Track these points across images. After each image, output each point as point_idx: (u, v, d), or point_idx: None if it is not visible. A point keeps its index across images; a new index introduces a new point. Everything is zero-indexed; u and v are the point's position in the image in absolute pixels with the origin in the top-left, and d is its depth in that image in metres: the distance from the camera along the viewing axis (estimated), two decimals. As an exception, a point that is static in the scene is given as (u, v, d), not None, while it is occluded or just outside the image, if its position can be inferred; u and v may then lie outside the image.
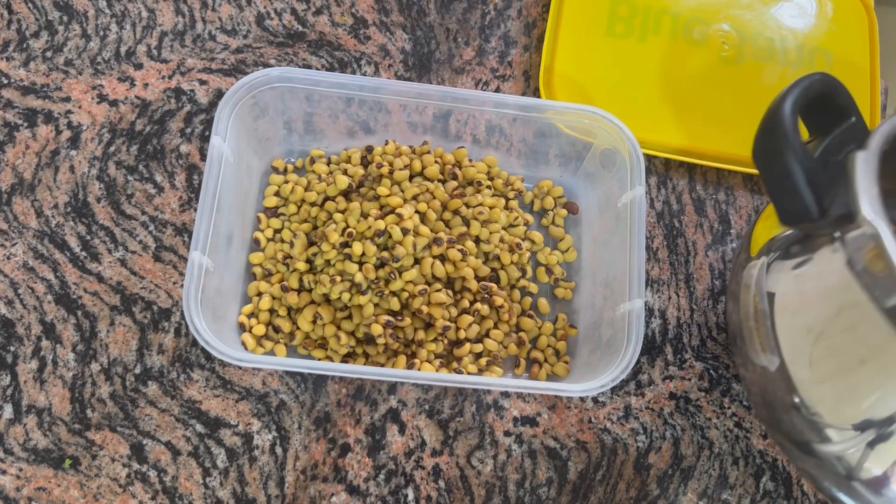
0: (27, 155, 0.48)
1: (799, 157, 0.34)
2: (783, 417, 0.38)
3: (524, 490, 0.44)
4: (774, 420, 0.40)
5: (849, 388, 0.35)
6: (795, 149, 0.34)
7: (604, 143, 0.46)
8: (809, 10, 0.58)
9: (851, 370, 0.35)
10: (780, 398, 0.38)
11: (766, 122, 0.35)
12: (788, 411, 0.37)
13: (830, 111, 0.37)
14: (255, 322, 0.44)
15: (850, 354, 0.35)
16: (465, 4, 0.56)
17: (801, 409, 0.37)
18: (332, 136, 0.49)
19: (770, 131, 0.35)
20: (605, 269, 0.46)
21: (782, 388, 0.38)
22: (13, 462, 0.42)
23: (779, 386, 0.38)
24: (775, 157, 0.34)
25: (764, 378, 0.39)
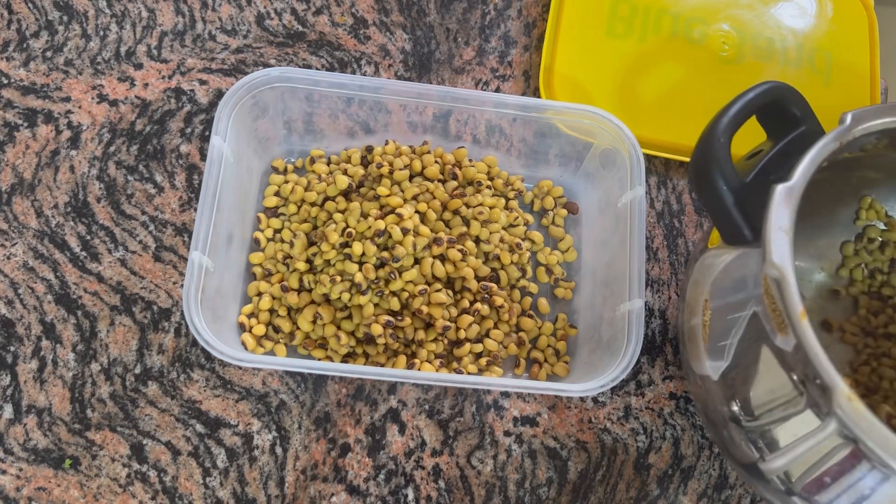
0: (27, 155, 0.48)
1: (730, 183, 0.34)
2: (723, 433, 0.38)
3: (524, 490, 0.44)
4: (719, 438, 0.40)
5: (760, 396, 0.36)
6: (726, 174, 0.34)
7: (604, 143, 0.46)
8: (809, 10, 0.58)
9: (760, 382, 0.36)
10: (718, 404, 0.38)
11: (698, 147, 0.35)
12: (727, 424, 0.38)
13: (783, 118, 0.37)
14: (255, 322, 0.44)
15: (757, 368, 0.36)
16: (465, 4, 0.57)
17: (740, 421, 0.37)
18: (332, 136, 0.49)
19: (702, 156, 0.35)
20: (605, 269, 0.46)
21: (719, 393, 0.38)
22: (13, 462, 0.42)
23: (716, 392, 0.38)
24: (707, 180, 0.34)
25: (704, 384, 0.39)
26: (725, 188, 0.34)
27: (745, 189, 0.34)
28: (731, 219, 0.34)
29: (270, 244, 0.46)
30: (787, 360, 0.33)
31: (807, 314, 0.30)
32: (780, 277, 0.31)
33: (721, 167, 0.34)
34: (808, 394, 0.32)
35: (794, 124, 0.37)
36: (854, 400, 0.29)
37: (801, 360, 0.31)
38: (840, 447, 0.30)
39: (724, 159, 0.34)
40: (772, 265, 0.31)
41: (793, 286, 0.30)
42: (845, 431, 0.29)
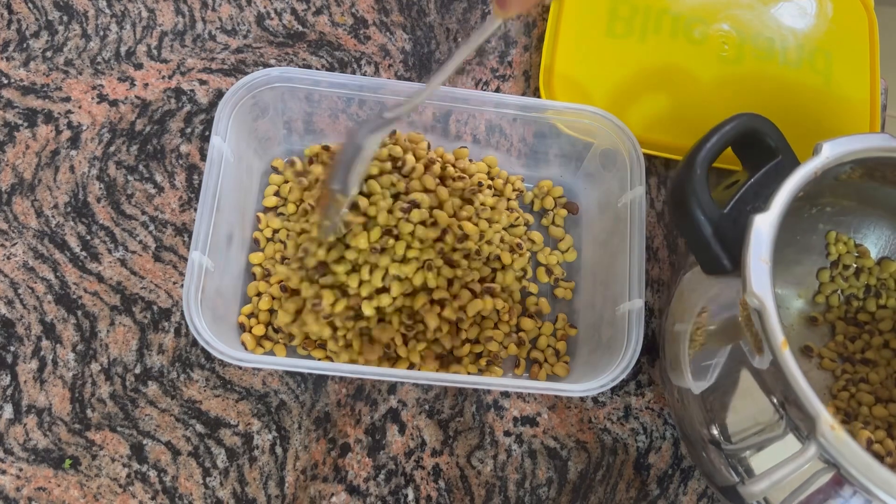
0: (27, 155, 0.48)
1: (708, 215, 0.35)
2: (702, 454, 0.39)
3: (524, 490, 0.44)
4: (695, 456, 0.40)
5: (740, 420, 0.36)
6: (704, 206, 0.35)
7: (604, 143, 0.46)
8: (809, 10, 0.58)
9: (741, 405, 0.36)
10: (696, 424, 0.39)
11: (676, 179, 0.36)
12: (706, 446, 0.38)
13: (758, 150, 0.38)
14: (254, 322, 0.44)
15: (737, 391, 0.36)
16: (465, 4, 0.57)
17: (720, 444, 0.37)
18: (332, 136, 0.49)
19: (681, 186, 0.36)
20: (605, 269, 0.46)
21: (699, 412, 0.38)
22: (13, 462, 0.42)
23: (696, 411, 0.38)
24: (686, 211, 0.35)
25: (682, 400, 0.40)
26: (703, 219, 0.35)
27: (723, 219, 0.35)
28: (710, 249, 0.35)
29: (270, 244, 0.46)
30: (767, 382, 0.33)
31: (787, 342, 0.31)
32: (761, 307, 0.31)
33: (698, 198, 0.35)
34: (787, 417, 0.32)
35: (770, 155, 0.38)
36: (837, 429, 0.29)
37: (781, 385, 0.31)
38: (822, 472, 0.31)
39: (701, 191, 0.35)
40: (752, 295, 0.31)
41: (773, 316, 0.31)
42: (828, 458, 0.30)
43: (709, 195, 0.35)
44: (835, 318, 0.48)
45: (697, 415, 0.38)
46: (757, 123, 0.37)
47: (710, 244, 0.35)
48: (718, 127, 0.37)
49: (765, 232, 0.33)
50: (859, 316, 0.47)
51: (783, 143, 0.38)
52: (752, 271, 0.32)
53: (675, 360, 0.40)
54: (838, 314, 0.48)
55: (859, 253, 0.48)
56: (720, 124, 0.37)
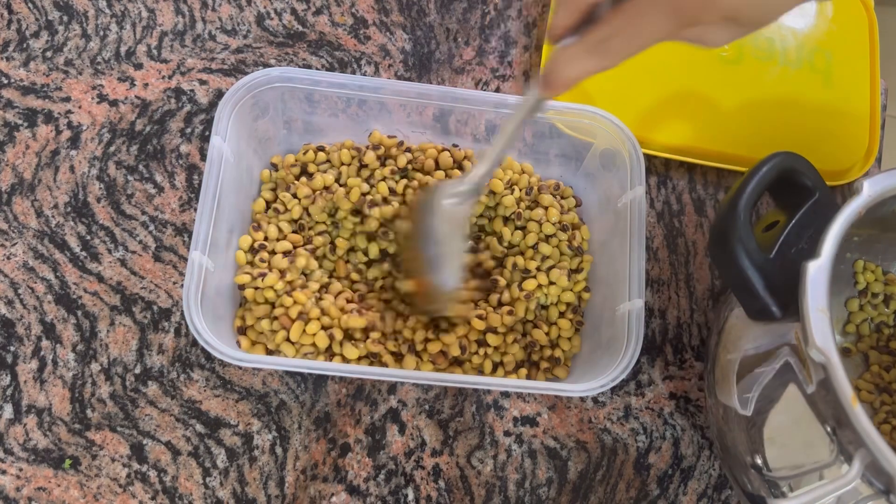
0: (27, 155, 0.48)
1: (754, 261, 0.34)
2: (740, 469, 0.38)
3: (524, 490, 0.44)
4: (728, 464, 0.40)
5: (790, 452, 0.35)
6: (750, 252, 0.34)
7: (604, 143, 0.46)
8: (809, 10, 0.58)
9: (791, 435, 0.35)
10: (740, 448, 0.38)
11: (718, 224, 0.35)
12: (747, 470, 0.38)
13: (794, 190, 0.37)
14: (249, 329, 0.44)
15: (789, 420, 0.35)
16: (465, 4, 0.56)
17: (761, 470, 0.37)
18: (333, 136, 0.49)
19: (723, 235, 0.35)
20: (605, 269, 0.46)
21: (744, 440, 0.38)
22: (13, 462, 0.42)
23: (740, 436, 0.38)
24: (730, 260, 0.34)
25: (726, 418, 0.39)
26: (752, 267, 0.34)
27: (769, 265, 0.34)
28: (759, 298, 0.34)
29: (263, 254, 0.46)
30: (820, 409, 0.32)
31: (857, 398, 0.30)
32: (826, 362, 0.30)
33: (745, 246, 0.34)
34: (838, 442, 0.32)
35: (808, 194, 0.37)
36: None
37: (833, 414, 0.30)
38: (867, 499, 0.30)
39: (746, 237, 0.34)
40: (815, 348, 0.30)
41: (839, 369, 0.30)
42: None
43: (754, 241, 0.34)
44: (867, 347, 0.48)
45: (741, 438, 0.38)
46: (793, 162, 0.37)
47: (759, 293, 0.34)
48: (755, 169, 0.36)
49: (819, 280, 0.32)
50: (891, 344, 0.47)
51: (819, 180, 0.37)
52: (814, 324, 0.31)
53: (724, 382, 0.40)
54: (870, 343, 0.48)
55: (888, 280, 0.48)
56: (757, 166, 0.36)
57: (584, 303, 0.47)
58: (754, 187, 0.35)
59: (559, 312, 0.46)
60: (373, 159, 0.47)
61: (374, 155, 0.47)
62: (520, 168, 0.49)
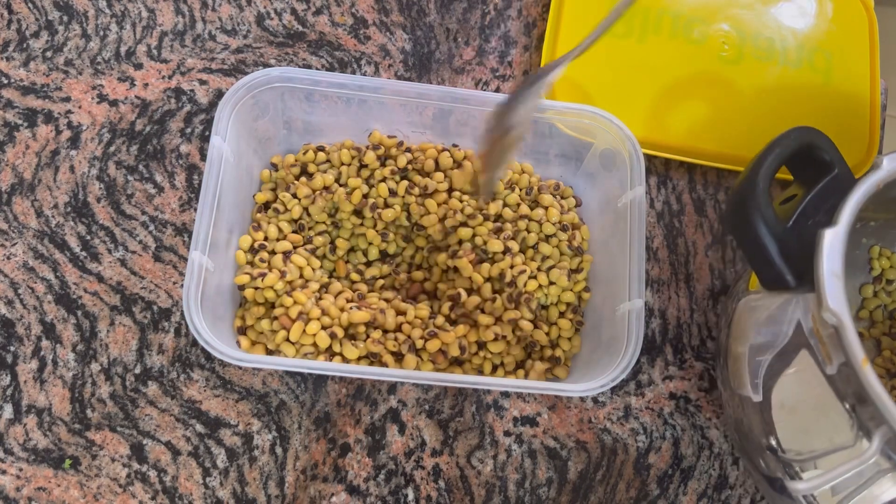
0: (27, 155, 0.48)
1: (772, 229, 0.34)
2: (756, 453, 0.39)
3: (524, 490, 0.44)
4: (746, 450, 0.40)
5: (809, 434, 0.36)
6: (768, 220, 0.34)
7: (604, 143, 0.46)
8: (809, 10, 0.58)
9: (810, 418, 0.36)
10: (755, 434, 0.38)
11: (737, 192, 0.35)
12: (763, 452, 0.38)
13: (813, 164, 0.37)
14: (249, 330, 0.44)
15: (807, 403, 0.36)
16: (465, 4, 0.56)
17: (776, 452, 0.37)
18: (332, 135, 0.49)
19: (742, 202, 0.35)
20: (605, 269, 0.46)
21: (759, 426, 0.38)
22: (13, 462, 0.42)
23: (756, 422, 0.38)
24: (748, 227, 0.34)
25: (742, 408, 0.39)
26: (769, 235, 0.34)
27: (787, 235, 0.34)
28: (774, 266, 0.34)
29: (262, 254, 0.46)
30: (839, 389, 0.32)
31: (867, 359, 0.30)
32: (839, 324, 0.30)
33: (763, 214, 0.34)
34: (857, 419, 0.32)
35: (826, 169, 0.37)
36: None
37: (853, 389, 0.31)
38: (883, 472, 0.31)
39: (765, 206, 0.34)
40: (829, 311, 0.31)
41: (851, 332, 0.30)
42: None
43: (773, 211, 0.34)
44: (879, 333, 0.48)
45: (757, 420, 0.38)
46: (813, 137, 0.37)
47: (775, 261, 0.34)
48: (775, 142, 0.36)
49: (836, 246, 0.32)
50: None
51: (838, 156, 0.37)
52: (827, 287, 0.31)
53: (737, 372, 0.40)
54: (882, 330, 0.48)
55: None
56: (777, 139, 0.36)
57: (584, 303, 0.47)
58: (774, 158, 0.35)
59: (559, 312, 0.46)
60: (373, 159, 0.47)
61: (374, 155, 0.47)
62: (520, 168, 0.49)
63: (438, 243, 0.47)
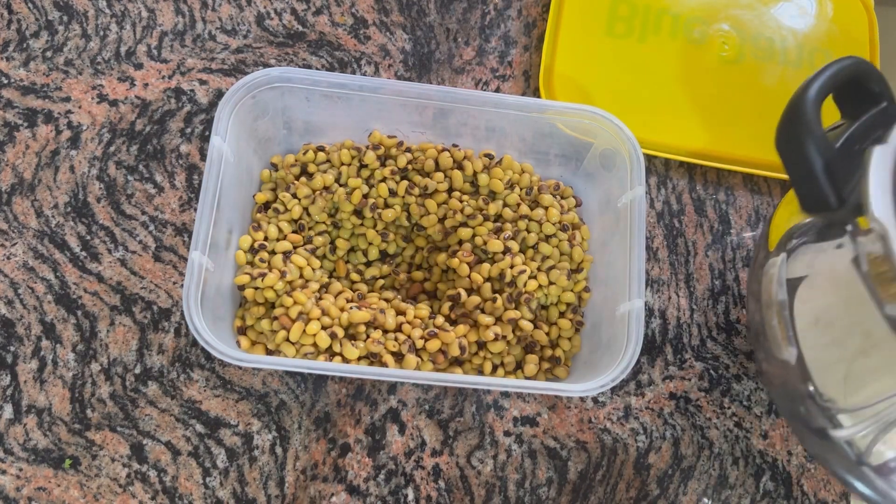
0: (27, 155, 0.48)
1: (819, 147, 0.33)
2: (800, 407, 0.38)
3: (524, 490, 0.44)
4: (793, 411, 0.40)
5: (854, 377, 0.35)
6: (816, 138, 0.33)
7: (604, 143, 0.46)
8: (809, 10, 0.58)
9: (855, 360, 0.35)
10: (797, 388, 0.38)
11: (788, 111, 0.35)
12: (804, 400, 0.37)
13: (861, 95, 0.37)
14: (249, 330, 0.44)
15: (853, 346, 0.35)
16: (465, 4, 0.57)
17: (815, 398, 0.37)
18: (332, 136, 0.49)
19: (792, 119, 0.34)
20: (605, 269, 0.46)
21: (798, 378, 0.37)
22: (13, 462, 0.42)
23: (796, 376, 0.38)
24: (796, 145, 0.34)
25: (785, 371, 0.39)
26: (816, 152, 0.33)
27: (834, 155, 0.34)
28: (818, 184, 0.34)
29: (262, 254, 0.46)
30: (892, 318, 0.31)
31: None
32: (884, 232, 0.30)
33: (811, 131, 0.33)
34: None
35: (874, 101, 0.37)
36: None
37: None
38: None
39: (814, 122, 0.33)
40: (873, 220, 0.30)
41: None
42: None
43: (822, 130, 0.34)
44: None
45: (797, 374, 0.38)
46: (863, 67, 0.36)
47: (820, 179, 0.34)
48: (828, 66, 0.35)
49: (885, 160, 0.32)
50: None
51: (888, 89, 0.37)
52: (873, 197, 0.31)
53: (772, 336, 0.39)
54: None
55: None
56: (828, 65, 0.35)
57: (584, 303, 0.47)
58: (825, 80, 0.35)
59: (559, 312, 0.46)
60: (373, 159, 0.47)
61: (374, 155, 0.47)
62: (520, 168, 0.50)
63: (438, 243, 0.47)
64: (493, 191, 0.47)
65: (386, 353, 0.43)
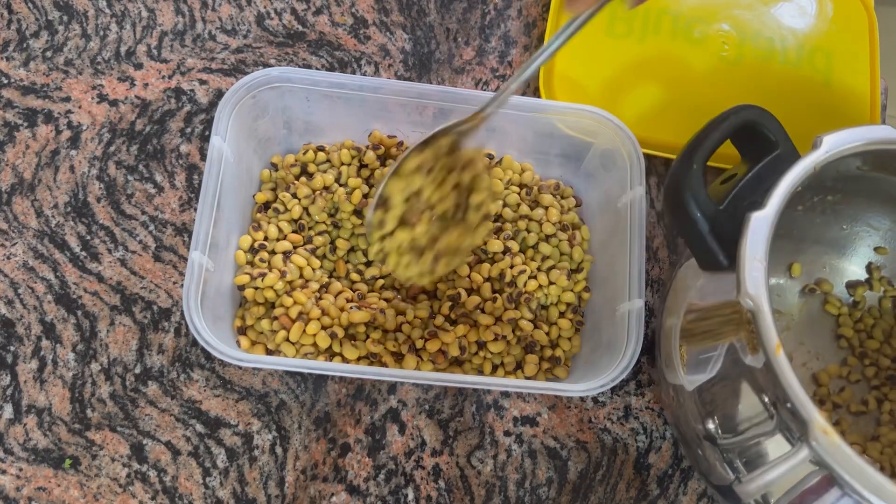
0: (27, 155, 0.48)
1: (705, 211, 0.34)
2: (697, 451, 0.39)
3: (524, 490, 0.44)
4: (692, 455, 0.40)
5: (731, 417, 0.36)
6: (701, 202, 0.34)
7: (604, 143, 0.46)
8: (809, 10, 0.58)
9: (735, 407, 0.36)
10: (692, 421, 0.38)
11: (671, 177, 0.36)
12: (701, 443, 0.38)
13: (757, 142, 0.37)
14: (249, 330, 0.44)
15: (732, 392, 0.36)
16: (465, 4, 0.57)
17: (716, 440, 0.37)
18: (332, 135, 0.49)
19: (676, 184, 0.35)
20: (605, 269, 0.46)
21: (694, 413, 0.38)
22: (13, 462, 0.42)
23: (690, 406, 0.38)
24: (682, 209, 0.35)
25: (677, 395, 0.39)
26: (700, 215, 0.34)
27: (720, 215, 0.35)
28: (706, 246, 0.35)
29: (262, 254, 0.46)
30: (760, 382, 0.33)
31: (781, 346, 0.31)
32: (756, 308, 0.31)
33: (695, 194, 0.34)
34: (779, 416, 0.32)
35: (769, 148, 0.37)
36: (829, 433, 0.29)
37: (773, 386, 0.31)
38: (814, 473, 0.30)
39: (697, 186, 0.34)
40: (746, 295, 0.31)
41: (768, 317, 0.31)
42: (819, 461, 0.30)
43: (705, 191, 0.35)
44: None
45: (692, 410, 0.38)
46: (756, 115, 0.37)
47: (707, 241, 0.34)
48: (716, 120, 0.36)
49: (761, 230, 0.32)
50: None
51: (783, 134, 0.37)
52: (747, 271, 0.31)
53: (668, 357, 0.40)
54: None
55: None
56: (718, 117, 0.36)
57: (584, 303, 0.47)
58: (712, 139, 0.36)
59: (559, 312, 0.46)
60: (373, 159, 0.47)
61: (374, 155, 0.47)
62: (520, 168, 0.50)
63: None
64: (494, 191, 0.47)
65: (386, 353, 0.43)
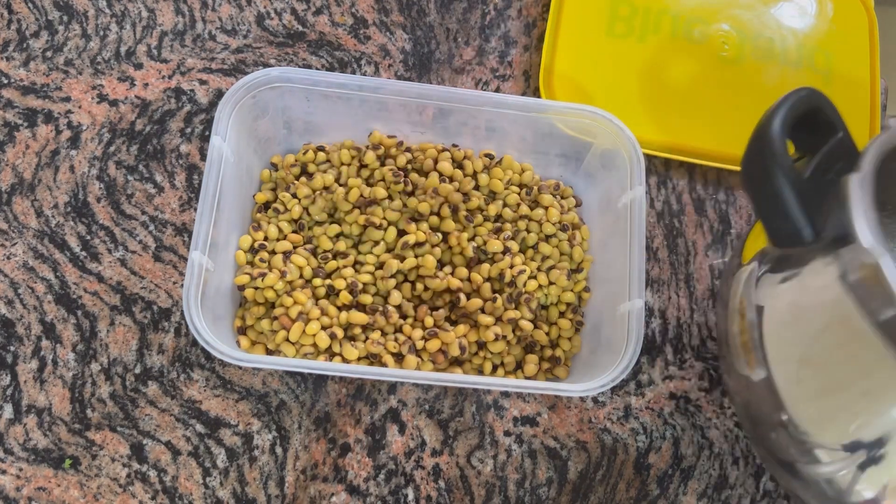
0: (27, 155, 0.48)
1: (790, 178, 0.32)
2: (769, 434, 0.37)
3: (524, 490, 0.44)
4: (759, 435, 0.39)
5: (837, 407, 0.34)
6: (786, 169, 0.32)
7: (604, 143, 0.46)
8: (809, 10, 0.58)
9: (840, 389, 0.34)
10: (765, 413, 0.37)
11: (754, 143, 0.34)
12: (775, 428, 0.36)
13: (818, 128, 0.36)
14: (249, 329, 0.44)
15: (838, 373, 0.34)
16: (465, 4, 0.57)
17: (788, 428, 0.35)
18: (332, 135, 0.49)
19: (759, 151, 0.33)
20: (605, 269, 0.46)
21: (768, 403, 0.36)
22: (13, 462, 0.42)
23: (764, 400, 0.37)
24: (765, 178, 0.32)
25: (748, 390, 0.38)
26: (787, 185, 0.32)
27: (805, 187, 0.32)
28: (791, 218, 0.32)
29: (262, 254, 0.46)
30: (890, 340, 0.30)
31: None
32: (877, 262, 0.29)
33: (780, 164, 0.32)
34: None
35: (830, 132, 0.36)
36: None
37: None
38: None
39: (782, 154, 0.32)
40: (864, 252, 0.29)
41: (892, 267, 0.29)
42: None
43: (791, 161, 0.32)
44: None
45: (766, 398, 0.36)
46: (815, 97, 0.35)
47: (793, 212, 0.32)
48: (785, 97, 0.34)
49: (864, 189, 0.31)
50: None
51: (839, 118, 0.36)
52: (859, 228, 0.30)
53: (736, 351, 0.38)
54: None
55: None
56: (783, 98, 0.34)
57: (584, 303, 0.47)
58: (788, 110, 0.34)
59: (559, 312, 0.46)
60: (373, 159, 0.47)
61: (373, 155, 0.47)
62: (520, 168, 0.50)
63: None
64: (493, 191, 0.47)
65: (386, 353, 0.43)
